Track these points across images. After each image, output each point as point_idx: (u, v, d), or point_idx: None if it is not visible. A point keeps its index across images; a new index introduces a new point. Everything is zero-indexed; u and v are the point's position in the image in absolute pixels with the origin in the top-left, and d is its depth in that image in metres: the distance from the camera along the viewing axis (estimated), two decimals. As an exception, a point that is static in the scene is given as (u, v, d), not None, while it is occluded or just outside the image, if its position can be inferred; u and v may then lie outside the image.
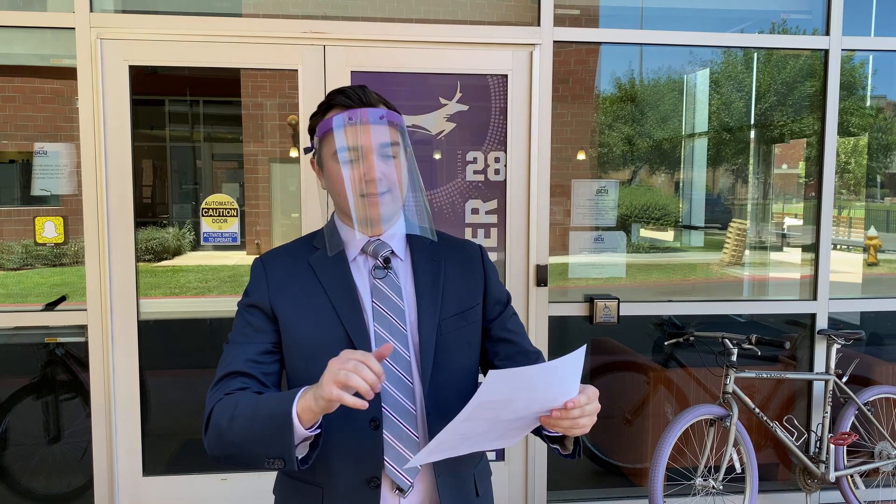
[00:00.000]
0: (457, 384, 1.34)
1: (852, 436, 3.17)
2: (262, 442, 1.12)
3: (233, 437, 1.16)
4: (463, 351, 1.36)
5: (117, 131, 2.91)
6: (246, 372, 1.26)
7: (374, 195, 1.25)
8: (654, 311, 3.38)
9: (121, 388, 3.00)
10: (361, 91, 1.30)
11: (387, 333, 1.29)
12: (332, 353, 1.24)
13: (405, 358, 1.30)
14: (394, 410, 1.27)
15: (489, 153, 3.14)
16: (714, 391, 3.50)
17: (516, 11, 3.28)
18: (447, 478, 1.32)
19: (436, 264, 1.37)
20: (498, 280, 1.45)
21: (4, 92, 3.32)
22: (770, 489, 3.52)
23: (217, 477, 3.12)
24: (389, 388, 1.28)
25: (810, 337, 3.44)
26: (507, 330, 1.41)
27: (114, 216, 2.93)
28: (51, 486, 3.21)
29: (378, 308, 1.31)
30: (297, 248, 1.39)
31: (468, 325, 1.37)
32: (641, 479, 3.52)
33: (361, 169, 1.25)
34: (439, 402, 1.31)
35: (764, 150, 4.46)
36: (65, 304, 3.12)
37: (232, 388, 1.23)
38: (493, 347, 1.41)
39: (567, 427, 1.09)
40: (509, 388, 1.02)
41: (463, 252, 1.43)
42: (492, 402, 1.03)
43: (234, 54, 2.94)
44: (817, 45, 3.33)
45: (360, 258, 1.35)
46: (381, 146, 1.26)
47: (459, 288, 1.38)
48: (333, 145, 1.27)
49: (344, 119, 1.25)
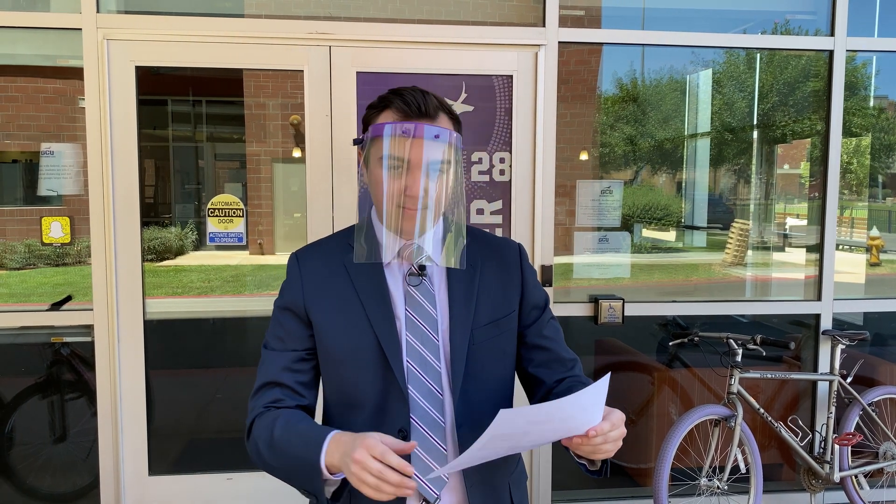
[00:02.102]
0: (490, 395, 1.31)
1: (857, 436, 3.17)
2: (295, 478, 1.19)
3: (271, 463, 1.23)
4: (497, 360, 1.33)
5: (123, 131, 2.91)
6: (282, 382, 1.29)
7: (411, 209, 1.22)
8: (659, 312, 3.38)
9: (127, 387, 3.00)
10: (423, 99, 1.24)
11: (418, 343, 1.27)
12: (364, 360, 1.25)
13: (436, 368, 1.27)
14: (422, 422, 1.25)
15: (494, 153, 3.15)
16: (718, 391, 3.50)
17: (521, 12, 3.29)
18: (479, 488, 1.29)
19: (471, 269, 1.33)
20: (536, 282, 1.41)
21: (7, 92, 3.33)
22: (774, 489, 3.52)
23: (223, 476, 3.13)
24: (419, 398, 1.26)
25: (814, 337, 3.45)
26: (542, 336, 1.37)
27: (120, 216, 2.94)
28: (56, 486, 3.21)
29: (411, 316, 1.28)
30: (333, 245, 1.36)
31: (502, 334, 1.33)
32: (646, 480, 3.52)
33: (403, 182, 1.21)
34: (471, 413, 1.28)
35: (766, 150, 4.47)
36: (70, 304, 3.12)
37: (269, 399, 1.28)
38: (527, 354, 1.38)
39: (588, 452, 1.08)
40: (524, 422, 1.00)
41: (501, 254, 1.38)
42: (506, 434, 1.02)
43: (240, 55, 2.95)
44: (822, 46, 3.34)
45: (394, 262, 1.32)
46: (428, 163, 1.22)
47: (495, 295, 1.34)
48: (381, 149, 1.22)
49: (396, 130, 1.20)
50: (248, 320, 4.08)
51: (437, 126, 1.22)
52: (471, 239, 1.37)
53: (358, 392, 1.28)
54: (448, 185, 1.26)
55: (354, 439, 1.08)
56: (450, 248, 1.30)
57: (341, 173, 3.02)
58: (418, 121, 1.22)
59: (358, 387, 1.27)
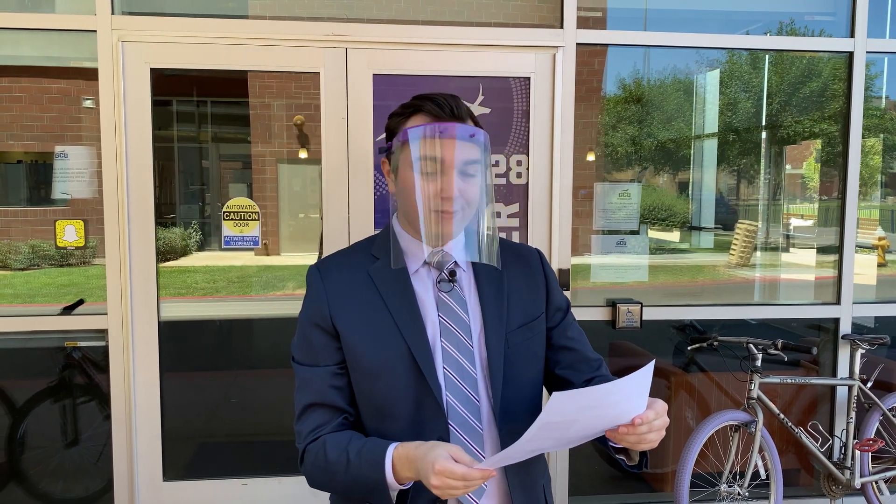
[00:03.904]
0: (525, 399, 1.31)
1: (878, 442, 3.14)
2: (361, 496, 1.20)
3: (333, 487, 1.25)
4: (530, 363, 1.33)
5: (138, 133, 2.89)
6: (324, 403, 1.27)
7: (448, 212, 1.21)
8: (677, 316, 3.35)
9: (141, 392, 2.98)
10: (454, 102, 1.25)
11: (454, 349, 1.26)
12: (396, 371, 1.23)
13: (472, 375, 1.26)
14: (461, 429, 1.24)
15: (511, 156, 3.12)
16: (735, 396, 3.47)
17: (538, 13, 3.26)
18: (519, 492, 1.28)
19: (498, 273, 1.32)
20: (557, 285, 1.41)
21: (12, 92, 3.31)
22: (794, 495, 3.49)
23: (237, 482, 3.10)
24: (457, 405, 1.24)
25: (833, 342, 3.42)
26: (567, 338, 1.37)
27: (134, 218, 2.91)
28: (68, 490, 3.19)
29: (445, 323, 1.27)
30: (355, 256, 1.34)
31: (534, 336, 1.33)
32: (662, 485, 3.49)
33: (439, 184, 1.20)
34: (508, 416, 1.27)
35: (775, 151, 4.44)
36: (82, 308, 3.10)
37: (315, 423, 1.27)
38: (554, 356, 1.37)
39: (634, 442, 1.07)
40: (575, 408, 1.00)
41: (522, 258, 1.39)
42: (557, 422, 1.01)
43: (255, 57, 2.92)
44: (842, 48, 3.30)
45: (422, 270, 1.30)
46: (463, 163, 1.21)
47: (523, 297, 1.34)
48: (415, 153, 1.21)
49: (434, 131, 1.20)
50: (256, 322, 4.06)
51: (472, 127, 1.23)
52: None
53: (392, 403, 1.25)
54: (483, 187, 1.25)
55: (425, 453, 1.09)
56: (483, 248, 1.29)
57: (357, 175, 3.00)
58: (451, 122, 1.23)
59: (391, 397, 1.25)
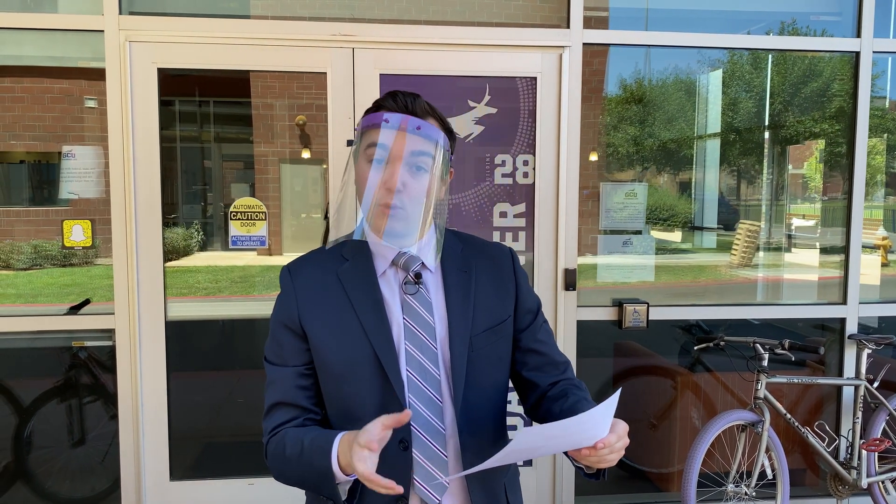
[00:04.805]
0: (488, 401, 1.32)
1: (885, 441, 3.14)
2: (313, 487, 1.22)
3: (290, 477, 1.26)
4: (494, 366, 1.33)
5: (145, 133, 2.89)
6: (290, 402, 1.30)
7: (386, 206, 1.22)
8: (684, 315, 3.36)
9: (148, 391, 2.98)
10: (412, 99, 1.26)
11: (417, 351, 1.26)
12: (361, 373, 1.25)
13: (435, 376, 1.26)
14: (423, 430, 1.25)
15: (517, 156, 3.12)
16: (741, 395, 3.47)
17: (541, 13, 3.26)
18: (480, 492, 1.30)
19: (466, 275, 1.32)
20: (529, 287, 1.40)
21: (14, 93, 3.30)
22: (800, 495, 3.49)
23: (244, 482, 3.10)
24: (419, 407, 1.25)
25: (839, 341, 3.42)
26: (536, 340, 1.38)
27: (142, 218, 2.91)
28: (75, 490, 3.19)
29: (409, 325, 1.27)
30: (326, 258, 1.35)
31: (499, 340, 1.33)
32: (668, 485, 3.49)
33: (384, 175, 1.22)
34: (470, 419, 1.28)
35: (777, 150, 4.44)
36: (89, 308, 3.10)
37: (279, 421, 1.29)
38: (522, 358, 1.38)
39: (594, 462, 1.10)
40: (541, 438, 1.05)
41: (493, 259, 1.38)
42: (522, 449, 1.06)
43: (263, 57, 2.92)
44: (848, 48, 3.30)
45: (389, 271, 1.31)
46: (410, 154, 1.22)
47: (491, 301, 1.33)
48: (365, 143, 1.25)
49: (379, 118, 1.22)
50: (259, 321, 4.06)
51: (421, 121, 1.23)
52: (464, 244, 1.37)
53: (356, 405, 1.26)
54: (431, 186, 1.24)
55: (352, 441, 1.11)
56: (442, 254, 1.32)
57: (364, 176, 3.00)
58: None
59: (356, 400, 1.26)
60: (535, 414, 1.38)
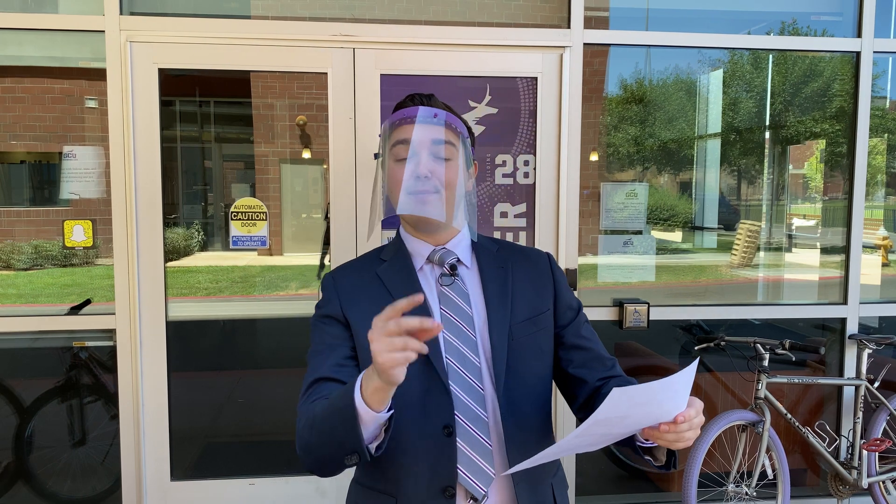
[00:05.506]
0: (530, 391, 1.32)
1: (886, 441, 3.14)
2: (336, 440, 1.10)
3: (313, 442, 1.15)
4: (535, 357, 1.34)
5: (146, 133, 2.89)
6: (331, 377, 1.25)
7: (417, 193, 1.26)
8: (684, 316, 3.36)
9: (149, 391, 2.98)
10: (428, 98, 1.34)
11: (456, 340, 1.28)
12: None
13: (475, 364, 1.28)
14: (466, 417, 1.26)
15: (518, 156, 3.12)
16: (741, 395, 3.47)
17: (541, 13, 3.26)
18: (526, 486, 1.29)
19: (503, 270, 1.36)
20: (568, 286, 1.43)
21: (15, 93, 3.30)
22: (801, 495, 3.49)
23: (245, 482, 3.10)
24: (461, 394, 1.26)
25: (840, 341, 3.42)
26: (580, 336, 1.39)
27: (143, 218, 2.92)
28: (76, 490, 3.19)
29: (446, 314, 1.30)
30: (365, 261, 1.40)
31: (539, 331, 1.35)
32: (669, 485, 3.50)
33: (411, 165, 1.27)
34: (513, 408, 1.29)
35: (778, 150, 4.44)
36: (90, 308, 3.10)
37: (318, 394, 1.21)
38: (566, 355, 1.38)
39: (672, 440, 1.06)
40: (629, 404, 1.00)
41: (530, 259, 1.42)
42: (609, 418, 1.02)
43: (263, 57, 2.92)
44: (849, 48, 3.30)
45: (426, 267, 1.36)
46: (431, 143, 1.28)
47: (529, 293, 1.36)
48: (389, 144, 1.31)
49: (399, 116, 1.30)
50: (260, 321, 4.06)
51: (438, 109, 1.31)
52: (499, 246, 1.42)
53: (400, 392, 1.25)
54: (456, 171, 1.30)
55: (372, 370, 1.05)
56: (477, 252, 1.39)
57: (364, 176, 3.00)
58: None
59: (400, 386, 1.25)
60: (586, 412, 1.36)
